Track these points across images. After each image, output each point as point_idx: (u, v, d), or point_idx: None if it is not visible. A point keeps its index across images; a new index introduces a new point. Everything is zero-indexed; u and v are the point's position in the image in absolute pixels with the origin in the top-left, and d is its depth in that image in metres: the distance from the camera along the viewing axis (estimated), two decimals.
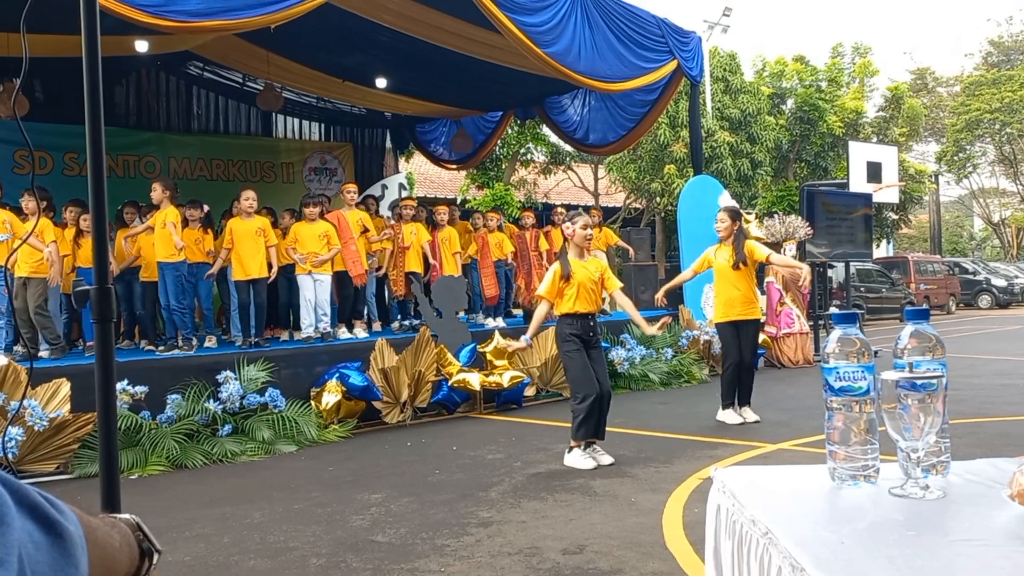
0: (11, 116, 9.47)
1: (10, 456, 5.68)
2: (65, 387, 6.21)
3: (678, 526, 4.33)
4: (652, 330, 6.24)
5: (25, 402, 5.92)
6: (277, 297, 9.33)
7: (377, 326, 10.07)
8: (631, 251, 12.94)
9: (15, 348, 8.04)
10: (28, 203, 7.77)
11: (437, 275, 9.80)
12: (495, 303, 10.81)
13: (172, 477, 6.13)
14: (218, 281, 9.37)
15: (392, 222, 10.55)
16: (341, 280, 9.33)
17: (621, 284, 6.27)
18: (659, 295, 7.84)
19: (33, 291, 7.77)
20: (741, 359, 7.34)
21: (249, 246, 8.44)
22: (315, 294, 8.72)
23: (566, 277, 5.83)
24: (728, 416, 7.38)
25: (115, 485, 2.18)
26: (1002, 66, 33.96)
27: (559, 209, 12.13)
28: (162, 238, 8.13)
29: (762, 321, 8.38)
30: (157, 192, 8.25)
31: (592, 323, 5.95)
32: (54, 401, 6.14)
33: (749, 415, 7.39)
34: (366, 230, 9.56)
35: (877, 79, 26.22)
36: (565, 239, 6.10)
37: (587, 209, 7.80)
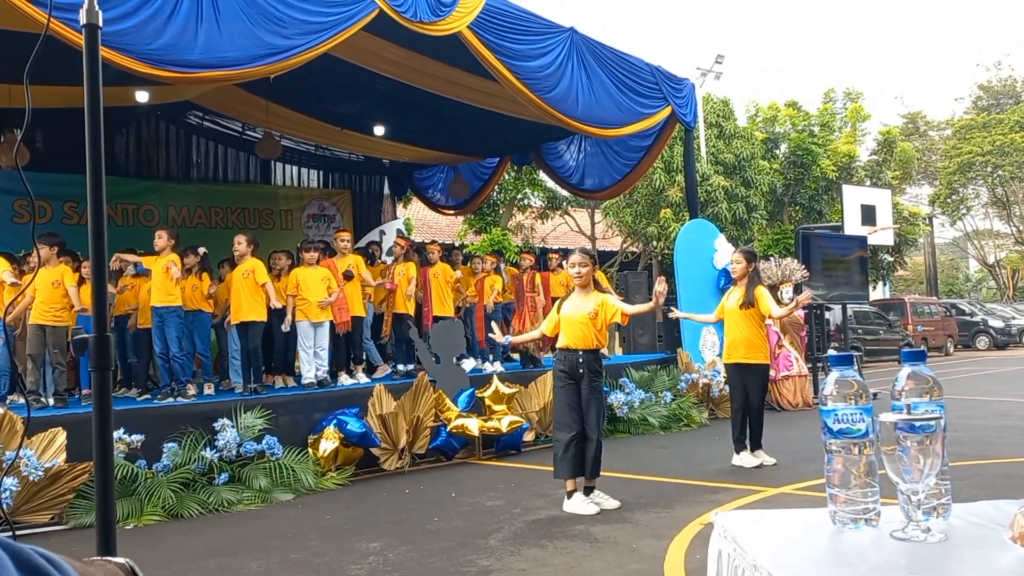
0: (12, 166, 9.55)
1: (4, 507, 5.61)
2: (61, 436, 6.16)
3: (680, 572, 4.28)
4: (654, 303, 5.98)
5: (21, 452, 5.87)
6: (273, 342, 9.30)
7: (378, 372, 10.04)
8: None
9: (9, 397, 8.01)
10: (42, 250, 7.84)
11: (429, 312, 9.89)
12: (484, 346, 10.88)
13: (168, 527, 6.06)
14: (216, 328, 9.36)
15: (388, 260, 10.63)
16: (331, 327, 9.33)
17: (621, 307, 6.01)
18: (674, 314, 7.72)
19: (55, 339, 7.85)
20: (746, 403, 7.30)
21: (239, 290, 8.47)
22: (315, 341, 8.73)
23: (557, 310, 6.04)
24: (744, 460, 7.27)
25: (111, 535, 2.16)
26: (992, 110, 34.40)
27: (552, 255, 12.19)
28: (162, 283, 8.12)
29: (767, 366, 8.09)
30: (163, 239, 8.26)
31: (579, 359, 5.85)
32: (50, 450, 6.09)
33: (765, 458, 7.31)
34: (349, 275, 9.43)
35: (869, 123, 26.53)
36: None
37: (582, 250, 7.68)
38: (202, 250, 8.98)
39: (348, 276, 9.40)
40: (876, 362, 20.23)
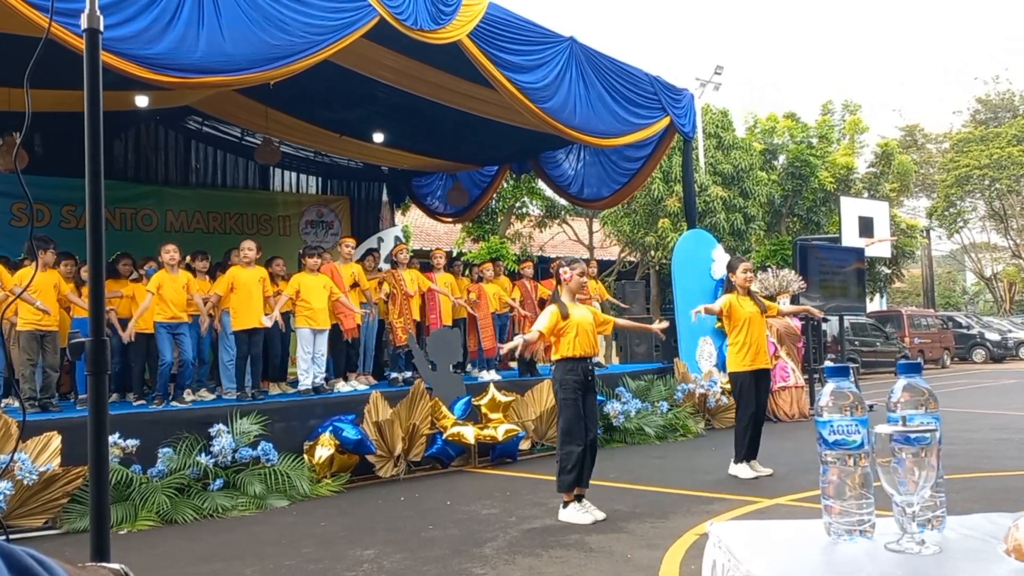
0: (11, 169, 9.54)
1: None
2: (56, 440, 6.15)
3: None
4: (658, 327, 6.73)
5: (15, 455, 5.86)
6: (269, 349, 9.28)
7: (370, 379, 10.03)
8: (623, 306, 13.05)
9: (5, 401, 7.98)
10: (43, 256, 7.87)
11: (438, 322, 9.90)
12: (494, 355, 10.82)
13: (162, 532, 6.04)
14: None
15: (386, 269, 10.61)
16: (333, 333, 9.33)
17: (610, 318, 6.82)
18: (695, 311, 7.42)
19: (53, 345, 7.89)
20: (758, 409, 7.28)
21: (250, 296, 8.46)
22: (314, 347, 8.75)
23: (564, 316, 5.86)
24: (742, 470, 7.24)
25: (105, 540, 2.15)
26: (990, 123, 34.49)
27: (559, 261, 12.20)
28: (180, 296, 8.36)
29: None
30: (176, 255, 8.38)
31: (591, 366, 6.00)
32: (44, 454, 6.07)
33: (762, 469, 7.28)
34: (356, 284, 9.65)
35: (867, 136, 26.60)
36: (559, 283, 6.15)
37: (586, 262, 7.87)
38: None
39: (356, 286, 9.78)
40: (872, 374, 20.23)
